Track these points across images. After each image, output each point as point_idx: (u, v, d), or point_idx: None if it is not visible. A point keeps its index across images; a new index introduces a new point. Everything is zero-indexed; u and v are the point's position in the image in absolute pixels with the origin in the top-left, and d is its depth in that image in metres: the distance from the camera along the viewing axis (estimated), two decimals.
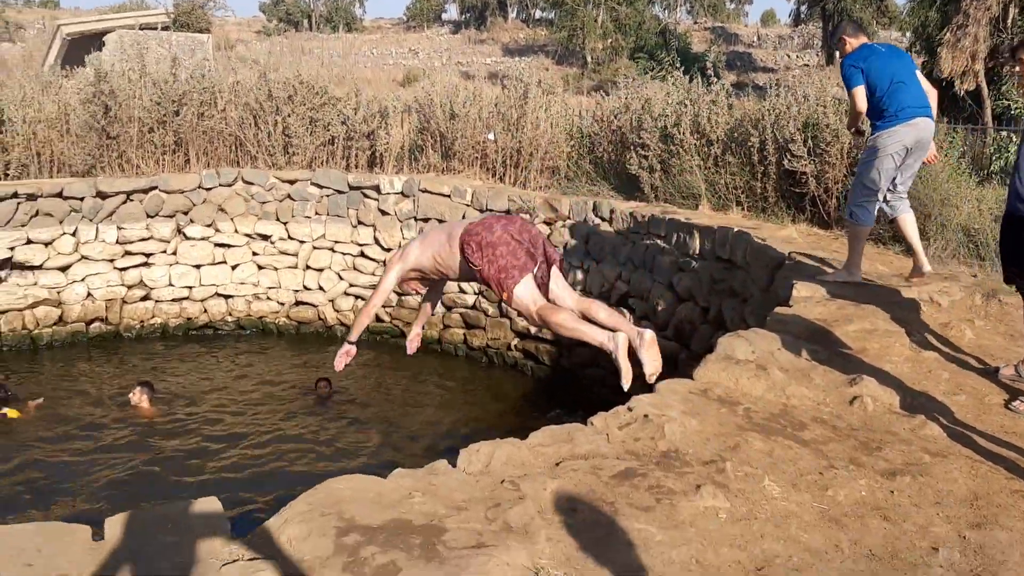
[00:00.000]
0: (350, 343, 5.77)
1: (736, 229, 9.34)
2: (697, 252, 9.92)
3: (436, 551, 3.09)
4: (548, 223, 12.49)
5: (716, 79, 12.09)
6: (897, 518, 3.76)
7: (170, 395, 10.92)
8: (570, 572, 3.11)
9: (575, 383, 11.65)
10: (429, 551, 3.09)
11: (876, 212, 7.33)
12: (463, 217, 13.03)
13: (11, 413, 10.05)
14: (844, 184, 9.88)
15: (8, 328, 12.63)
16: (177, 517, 3.30)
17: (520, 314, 5.48)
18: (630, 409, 4.71)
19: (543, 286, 5.30)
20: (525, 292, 5.11)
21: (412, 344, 6.14)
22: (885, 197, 7.26)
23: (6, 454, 8.97)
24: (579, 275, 11.83)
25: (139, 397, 10.27)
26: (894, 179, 7.17)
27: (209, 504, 3.43)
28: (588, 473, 3.93)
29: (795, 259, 8.14)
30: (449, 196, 13.23)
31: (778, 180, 10.74)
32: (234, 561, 2.98)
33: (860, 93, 6.97)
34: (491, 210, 12.85)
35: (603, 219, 11.92)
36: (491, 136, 14.11)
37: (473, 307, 13.14)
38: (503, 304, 12.64)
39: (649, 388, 5.08)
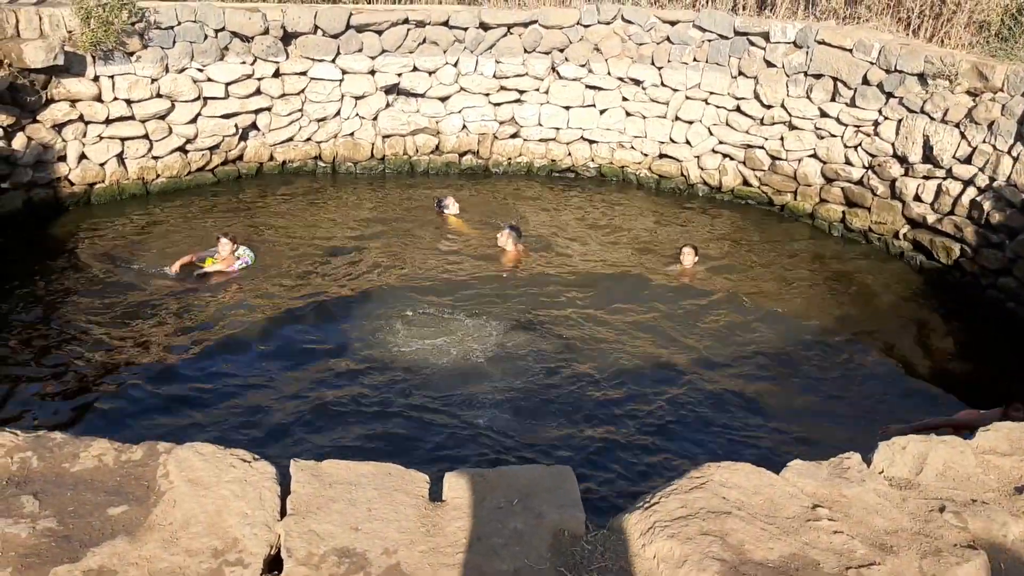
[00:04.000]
0: None
1: None
2: None
3: None
4: (972, 94, 10.29)
5: None
6: None
7: (531, 238, 10.89)
8: None
9: (976, 292, 9.85)
10: None
11: None
12: (863, 79, 11.19)
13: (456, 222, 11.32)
14: None
15: (391, 152, 13.31)
16: (526, 488, 2.83)
17: None
18: None
19: None
20: None
21: None
22: None
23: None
24: (1005, 161, 9.71)
25: (506, 239, 10.36)
26: None
27: (562, 478, 2.90)
28: None
29: None
30: (851, 51, 11.36)
31: None
32: None
33: None
34: (900, 71, 10.86)
35: None
36: None
37: (859, 182, 11.50)
38: (896, 184, 10.93)
39: None
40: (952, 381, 8.28)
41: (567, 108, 13.28)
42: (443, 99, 13.16)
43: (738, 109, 12.59)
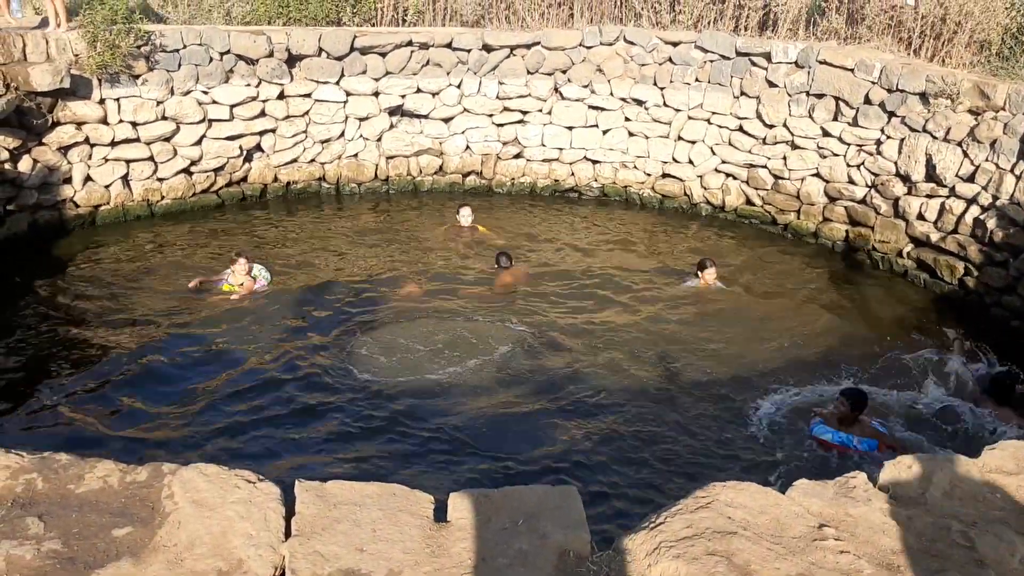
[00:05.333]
0: None
1: None
2: None
3: None
4: (974, 113, 10.32)
5: None
6: None
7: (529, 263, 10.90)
8: None
9: (980, 310, 9.84)
10: None
11: None
12: (865, 98, 11.23)
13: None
14: None
15: (395, 172, 13.38)
16: (531, 508, 2.82)
17: None
18: None
19: None
20: None
21: None
22: None
23: None
24: (1008, 179, 9.72)
25: (496, 264, 10.30)
26: None
27: (567, 498, 2.90)
28: None
29: None
30: (852, 71, 11.41)
31: None
32: None
33: None
34: (902, 91, 10.90)
35: None
36: (911, 0, 11.86)
37: (863, 201, 11.51)
38: (899, 202, 10.94)
39: None
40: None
41: (570, 128, 13.35)
42: (447, 120, 13.24)
43: (740, 129, 12.63)
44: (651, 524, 2.80)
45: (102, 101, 11.08)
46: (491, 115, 13.23)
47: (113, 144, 11.30)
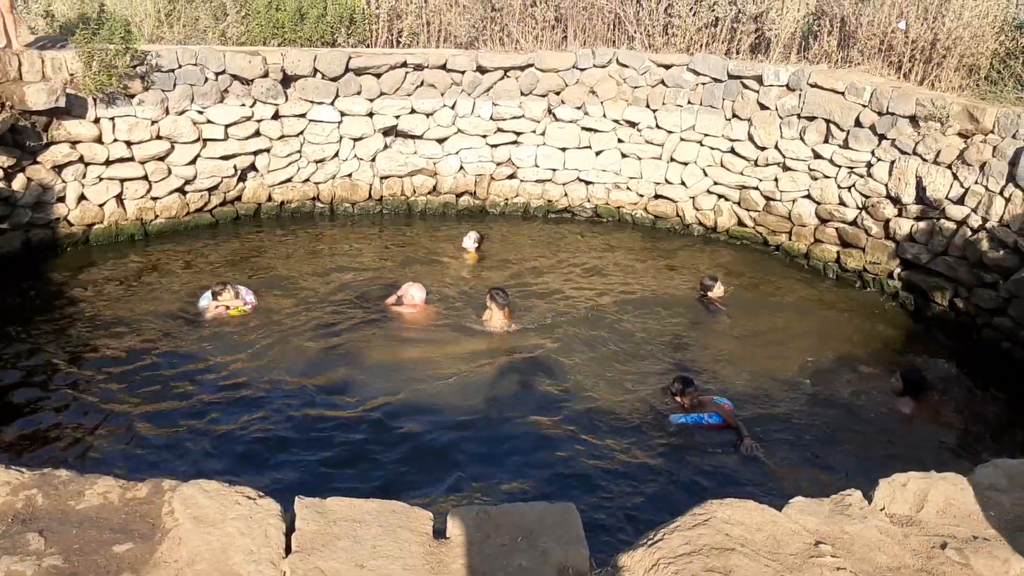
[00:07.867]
0: None
1: None
2: None
3: None
4: (963, 136, 10.43)
5: None
6: None
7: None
8: None
9: (969, 332, 9.90)
10: None
11: None
12: (856, 121, 11.35)
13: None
14: None
15: (388, 193, 13.42)
16: (530, 525, 2.84)
17: None
18: None
19: None
20: None
21: None
22: None
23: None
24: (997, 201, 9.82)
25: (491, 305, 9.44)
26: None
27: (566, 514, 2.92)
28: None
29: None
30: (843, 94, 11.54)
31: None
32: None
33: None
34: (892, 113, 11.01)
35: None
36: (902, 25, 12.01)
37: (853, 223, 11.60)
38: (890, 224, 11.03)
39: None
40: (948, 417, 8.30)
41: (563, 149, 13.43)
42: (440, 141, 13.31)
43: (732, 151, 12.74)
44: (649, 541, 2.82)
45: (97, 120, 11.10)
46: (485, 136, 13.31)
47: (107, 163, 11.31)
